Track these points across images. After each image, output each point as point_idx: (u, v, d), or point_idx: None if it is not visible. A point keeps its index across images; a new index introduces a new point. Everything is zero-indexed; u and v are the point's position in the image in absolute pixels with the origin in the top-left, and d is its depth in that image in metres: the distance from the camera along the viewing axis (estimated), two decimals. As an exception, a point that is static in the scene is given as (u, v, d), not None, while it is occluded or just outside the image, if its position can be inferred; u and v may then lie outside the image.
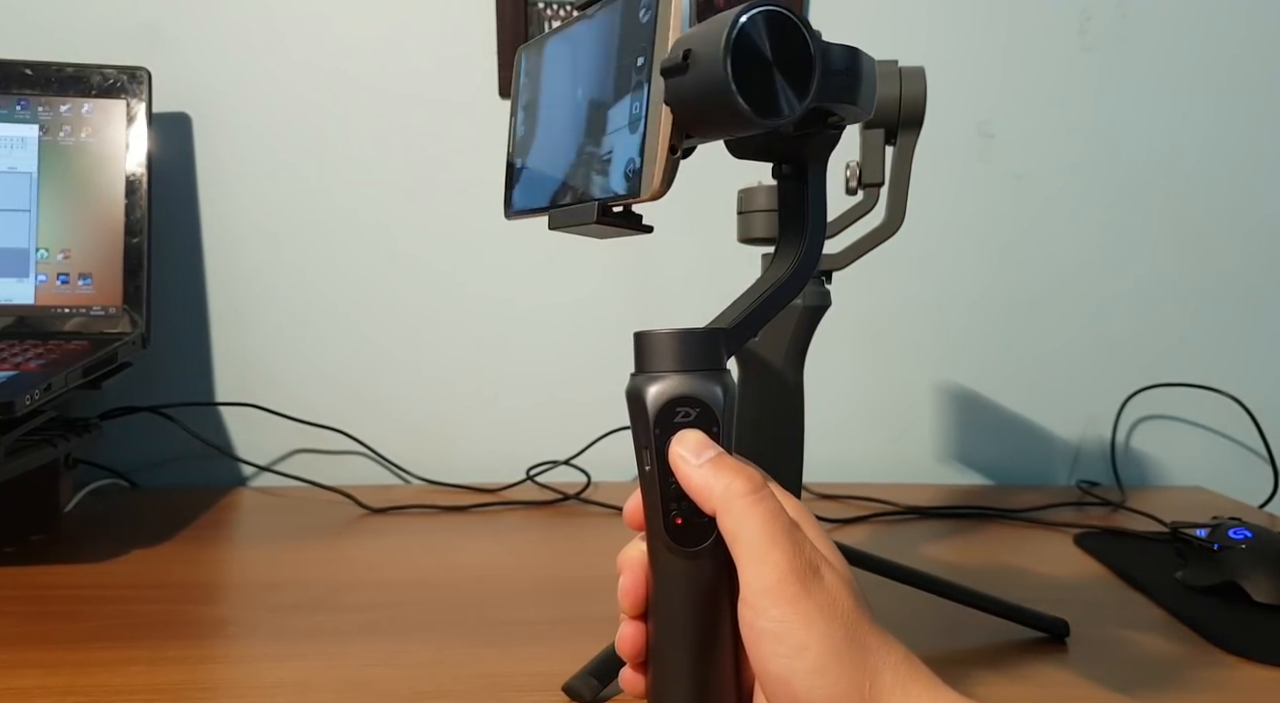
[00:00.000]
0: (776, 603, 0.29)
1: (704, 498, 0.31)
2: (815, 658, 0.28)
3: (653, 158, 0.30)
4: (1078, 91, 0.98)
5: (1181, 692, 0.51)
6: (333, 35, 0.92)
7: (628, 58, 0.32)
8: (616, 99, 0.33)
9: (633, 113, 0.32)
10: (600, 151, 0.33)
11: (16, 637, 0.54)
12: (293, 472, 0.93)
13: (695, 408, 0.32)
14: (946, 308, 1.00)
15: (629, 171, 0.31)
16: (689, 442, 0.32)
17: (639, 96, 0.31)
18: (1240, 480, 0.99)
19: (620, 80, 0.32)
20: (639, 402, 0.32)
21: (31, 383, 0.63)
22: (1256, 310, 1.02)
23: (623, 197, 0.32)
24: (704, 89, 0.29)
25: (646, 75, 0.31)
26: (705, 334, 0.32)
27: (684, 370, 0.32)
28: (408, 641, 0.55)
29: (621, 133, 0.32)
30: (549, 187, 0.37)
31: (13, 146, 0.78)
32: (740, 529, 0.30)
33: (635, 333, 0.33)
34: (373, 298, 0.94)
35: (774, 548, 0.29)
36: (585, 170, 0.34)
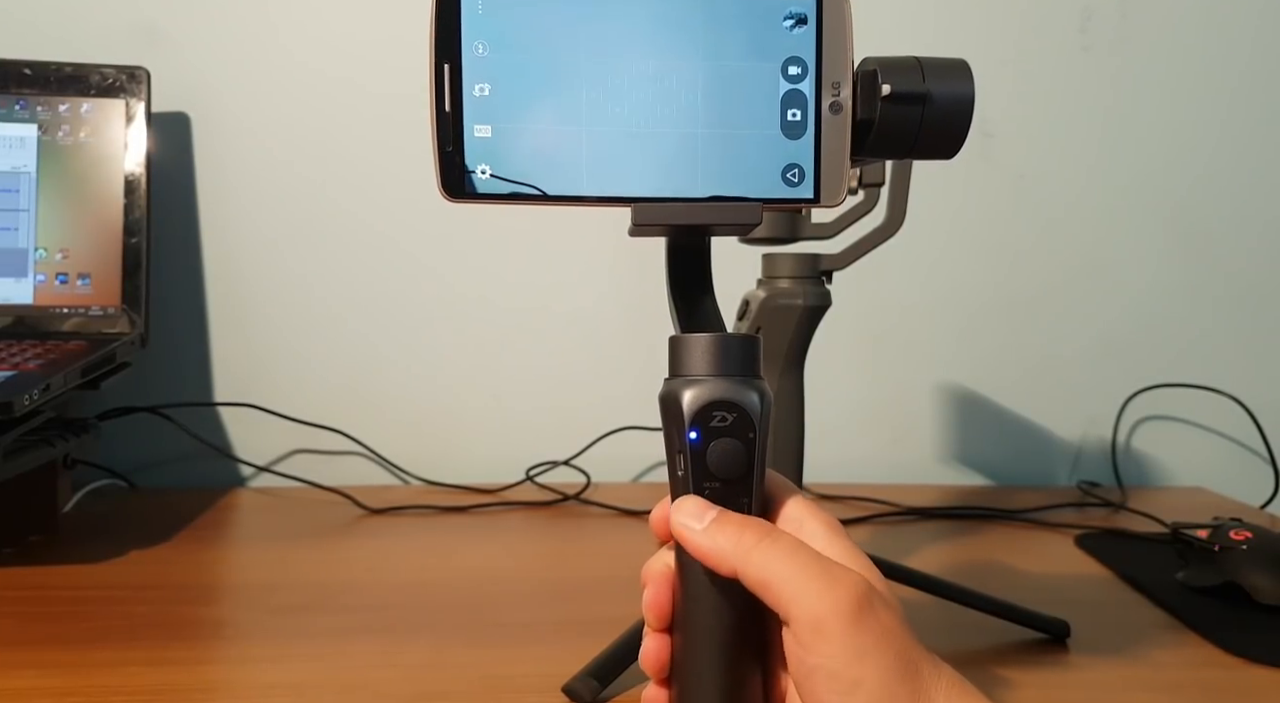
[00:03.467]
0: (827, 639, 0.28)
1: (719, 561, 0.30)
2: (870, 693, 0.27)
3: (839, 168, 0.33)
4: (1078, 91, 0.98)
5: (1182, 693, 0.51)
6: (332, 35, 0.91)
7: (760, 59, 0.33)
8: (734, 95, 0.32)
9: (788, 118, 0.33)
10: (715, 146, 0.33)
11: (15, 638, 0.54)
12: (292, 472, 0.92)
13: (732, 413, 0.31)
14: (947, 308, 0.99)
15: (790, 176, 0.33)
16: (688, 508, 0.31)
17: (800, 105, 0.33)
18: (1241, 481, 0.99)
19: (744, 78, 0.32)
20: (675, 405, 0.31)
21: (30, 383, 0.63)
22: (1258, 310, 1.02)
23: (795, 201, 0.33)
24: (939, 126, 0.33)
25: (813, 87, 0.33)
26: (743, 340, 0.32)
27: (721, 375, 0.31)
28: (407, 641, 0.54)
29: (763, 133, 0.33)
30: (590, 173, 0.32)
31: (11, 146, 0.78)
32: (768, 575, 0.29)
33: (671, 337, 0.32)
34: (372, 298, 0.94)
35: (812, 580, 0.29)
36: (682, 162, 0.32)
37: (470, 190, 0.32)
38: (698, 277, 0.35)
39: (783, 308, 0.53)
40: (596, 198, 0.32)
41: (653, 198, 0.32)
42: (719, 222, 0.33)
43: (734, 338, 0.32)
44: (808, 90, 0.33)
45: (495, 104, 0.32)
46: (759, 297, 0.54)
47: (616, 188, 0.32)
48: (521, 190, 0.32)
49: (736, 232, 0.34)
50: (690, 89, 0.32)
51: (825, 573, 0.29)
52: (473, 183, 0.32)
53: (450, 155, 0.31)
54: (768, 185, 0.33)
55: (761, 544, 0.29)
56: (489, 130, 0.32)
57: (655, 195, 0.32)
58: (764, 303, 0.53)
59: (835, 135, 0.33)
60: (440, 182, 0.32)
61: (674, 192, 0.32)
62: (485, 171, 0.32)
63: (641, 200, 0.32)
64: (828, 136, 0.33)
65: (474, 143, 0.32)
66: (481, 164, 0.32)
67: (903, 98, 0.33)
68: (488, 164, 0.32)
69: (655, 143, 0.32)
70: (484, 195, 0.32)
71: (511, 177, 0.32)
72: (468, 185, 0.32)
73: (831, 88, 0.33)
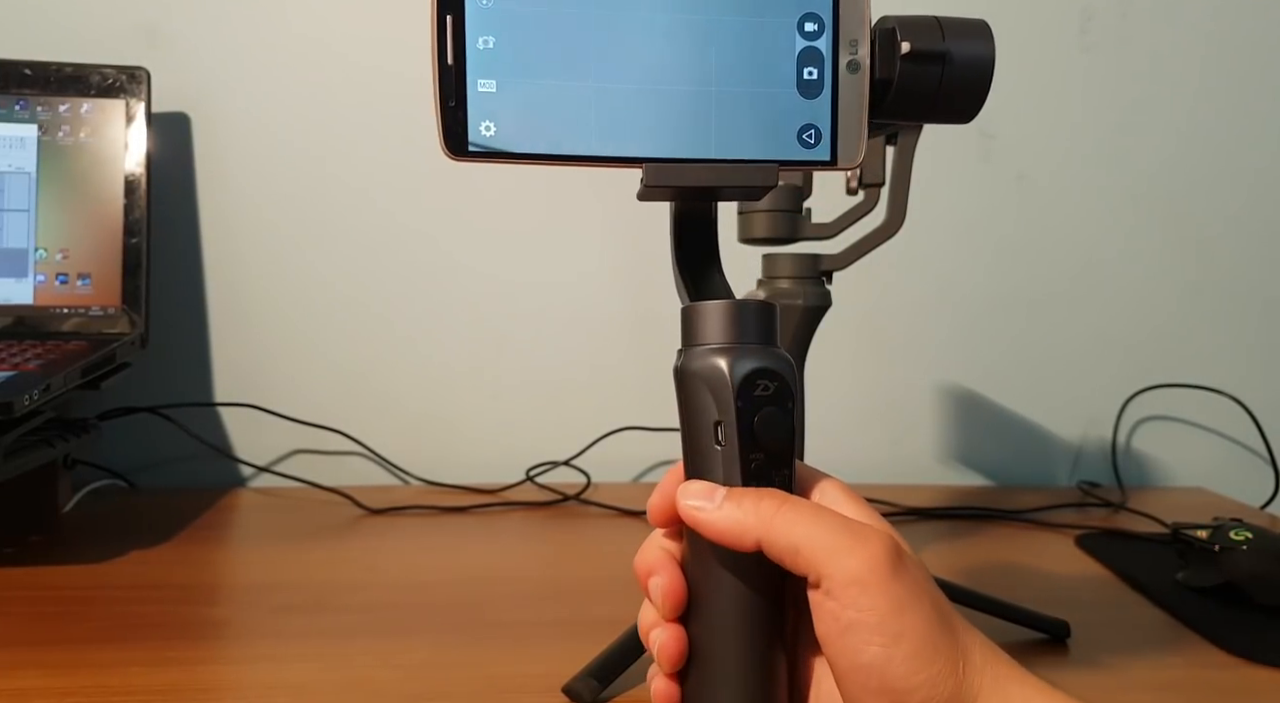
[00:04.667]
0: (866, 591, 0.28)
1: (739, 534, 0.29)
2: (912, 642, 0.28)
3: (856, 129, 0.32)
4: (1078, 91, 0.98)
5: (1182, 693, 0.51)
6: (333, 35, 0.91)
7: (775, 15, 0.31)
8: (749, 52, 0.31)
9: (804, 77, 0.32)
10: (728, 105, 0.31)
11: (15, 638, 0.54)
12: (292, 472, 0.92)
13: (774, 381, 0.30)
14: (947, 308, 0.99)
15: (806, 137, 0.32)
16: (695, 491, 0.30)
17: (817, 63, 0.32)
18: (1241, 481, 0.99)
19: (759, 35, 0.31)
20: (715, 374, 0.30)
21: (30, 383, 0.63)
22: (1258, 311, 1.02)
23: (810, 163, 0.32)
24: (958, 87, 0.33)
25: (830, 44, 0.32)
26: (768, 307, 0.31)
27: (752, 343, 0.30)
28: (407, 641, 0.54)
29: (778, 92, 0.31)
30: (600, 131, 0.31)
31: (11, 146, 0.78)
32: (795, 538, 0.29)
33: (689, 305, 0.31)
34: (372, 298, 0.94)
35: (841, 538, 0.28)
36: (695, 121, 0.31)
37: (474, 148, 0.30)
38: (706, 246, 0.33)
39: (783, 308, 0.53)
40: (606, 157, 0.31)
41: (665, 158, 0.31)
42: (734, 184, 0.32)
43: (759, 304, 0.31)
44: (824, 48, 0.32)
45: (500, 57, 0.30)
46: (759, 297, 0.54)
47: (627, 147, 0.31)
48: (528, 149, 0.31)
49: (751, 195, 0.33)
50: (703, 45, 0.31)
51: (853, 531, 0.29)
52: (477, 140, 0.30)
53: (453, 111, 0.30)
54: (783, 146, 0.32)
55: (782, 510, 0.29)
56: (493, 85, 0.30)
57: (667, 156, 0.31)
58: (764, 303, 0.53)
59: (853, 95, 0.32)
60: (442, 138, 0.30)
61: (686, 152, 0.31)
62: (489, 128, 0.30)
63: (654, 161, 0.31)
64: (845, 96, 0.32)
65: (478, 98, 0.30)
66: (485, 121, 0.30)
67: (922, 56, 0.32)
68: (491, 121, 0.30)
69: (667, 101, 0.31)
70: (488, 153, 0.30)
71: (516, 135, 0.30)
72: (471, 142, 0.30)
73: (849, 45, 0.32)
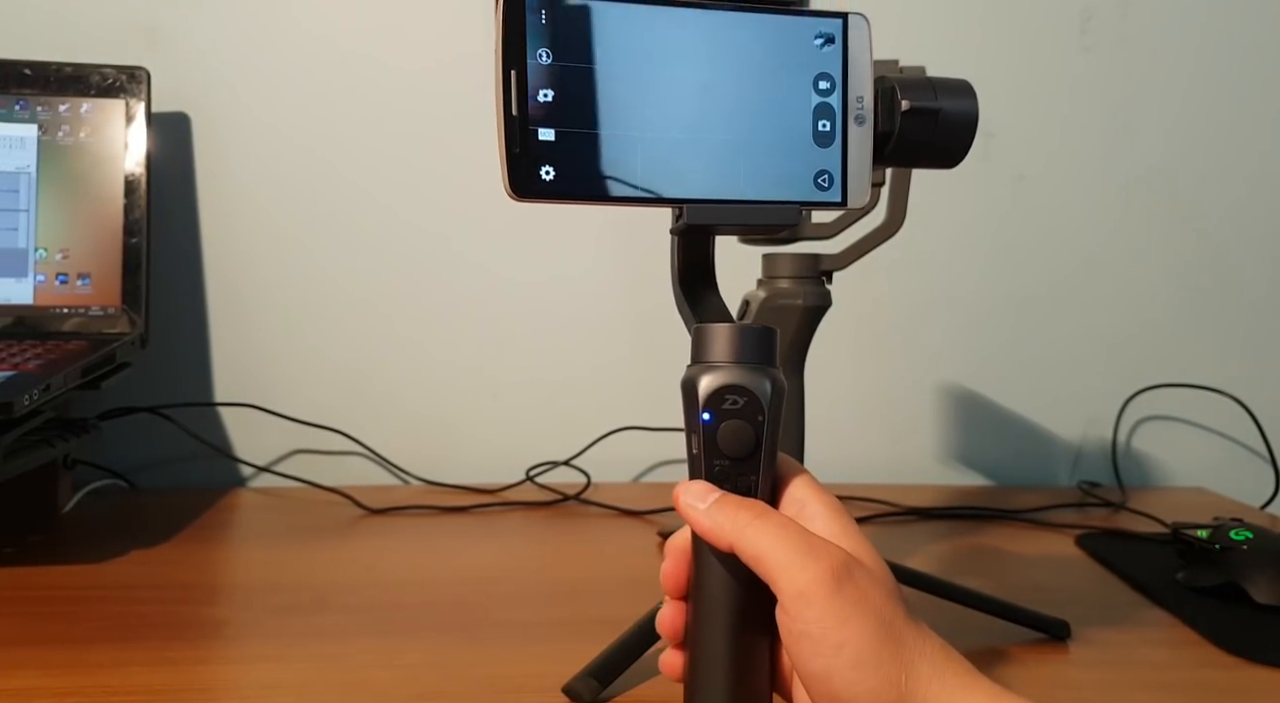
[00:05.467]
0: (810, 604, 0.30)
1: (717, 537, 0.32)
2: (852, 654, 0.30)
3: (863, 174, 0.37)
4: (1078, 91, 0.98)
5: (1182, 693, 0.51)
6: (333, 34, 0.91)
7: (794, 75, 0.36)
8: (773, 106, 0.36)
9: (818, 128, 0.36)
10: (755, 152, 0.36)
11: (15, 637, 0.54)
12: (292, 472, 0.92)
13: (743, 397, 0.33)
14: (947, 308, 0.99)
15: (821, 181, 0.36)
16: (694, 489, 0.34)
17: (829, 117, 0.36)
18: (1242, 481, 0.99)
19: (781, 91, 0.36)
20: (692, 388, 0.34)
21: (30, 383, 0.63)
22: (1258, 311, 1.02)
23: (825, 204, 0.37)
24: (949, 138, 0.38)
25: (840, 100, 0.36)
26: (761, 331, 0.34)
27: (738, 363, 0.34)
28: (407, 641, 0.54)
29: (797, 141, 0.36)
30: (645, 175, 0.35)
31: (11, 146, 0.78)
32: (759, 549, 0.31)
33: (696, 327, 0.35)
34: (372, 298, 0.94)
35: (796, 554, 0.31)
36: (727, 166, 0.35)
37: (536, 190, 0.34)
38: (704, 273, 0.38)
39: (783, 308, 0.53)
40: (652, 198, 0.35)
41: (703, 199, 0.35)
42: (763, 222, 0.36)
43: (752, 329, 0.34)
44: (835, 103, 0.36)
45: (558, 109, 0.34)
46: (759, 297, 0.54)
47: (669, 190, 0.35)
48: (583, 191, 0.34)
49: (776, 231, 0.37)
50: (733, 100, 0.35)
51: (808, 547, 0.31)
52: (539, 183, 0.34)
53: (518, 156, 0.33)
54: (802, 189, 0.36)
55: (754, 523, 0.32)
56: (553, 134, 0.34)
57: (704, 197, 0.35)
58: (764, 303, 0.53)
59: (860, 144, 0.37)
60: (508, 182, 0.33)
61: (721, 194, 0.35)
62: (549, 173, 0.34)
63: (693, 201, 0.35)
64: (853, 145, 0.36)
65: (539, 146, 0.34)
66: (546, 165, 0.34)
67: (919, 112, 0.37)
68: (551, 166, 0.34)
69: (703, 149, 0.35)
70: (549, 195, 0.34)
71: (572, 178, 0.34)
72: (535, 185, 0.34)
73: (856, 101, 0.37)
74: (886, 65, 0.52)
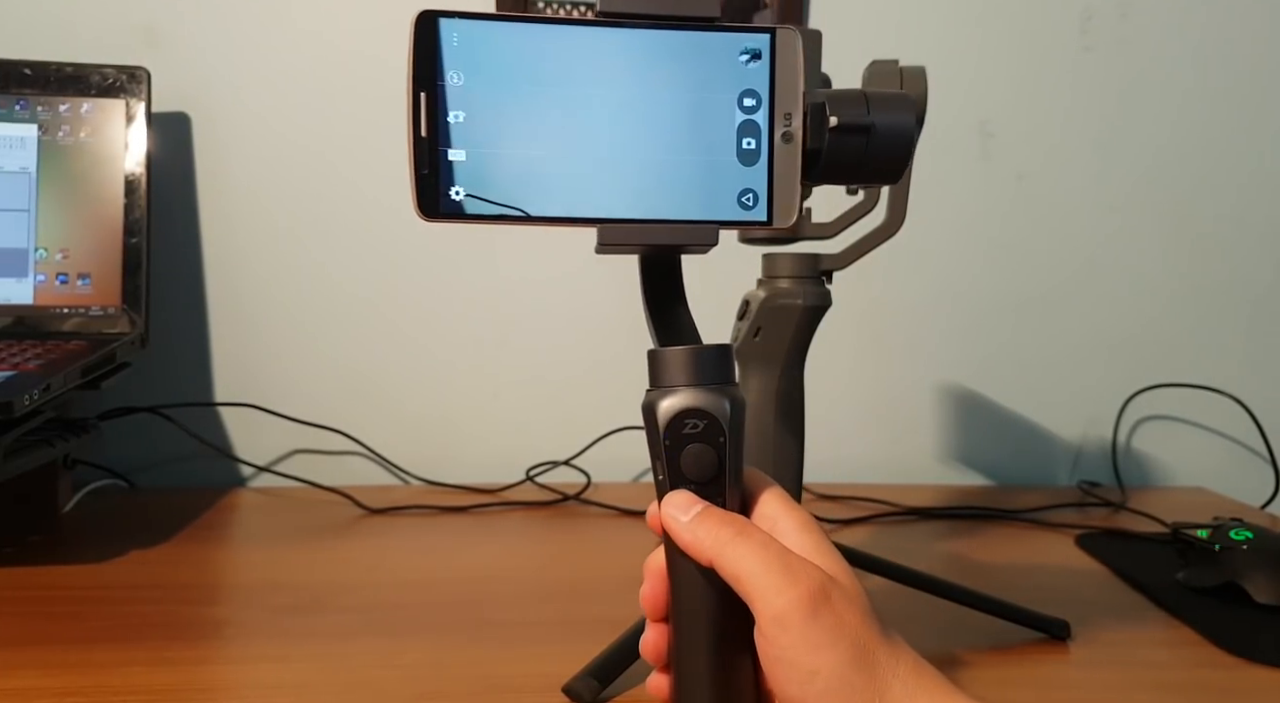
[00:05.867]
0: (785, 631, 0.30)
1: (698, 552, 0.32)
2: (824, 683, 0.30)
3: (790, 193, 0.35)
4: (1079, 91, 0.98)
5: (1182, 693, 0.51)
6: (333, 34, 0.91)
7: (717, 91, 0.35)
8: (695, 124, 0.35)
9: (743, 146, 0.35)
10: (675, 171, 0.35)
11: (15, 637, 0.54)
12: (292, 472, 0.92)
13: (703, 420, 0.33)
14: (947, 308, 0.99)
15: (745, 200, 0.35)
16: (677, 501, 0.33)
17: (755, 135, 0.35)
18: (1241, 481, 0.99)
19: (704, 108, 0.35)
20: (652, 415, 0.34)
21: (30, 383, 0.63)
22: (1258, 310, 1.02)
23: (749, 223, 0.36)
24: (882, 156, 0.36)
25: (767, 117, 0.35)
26: (714, 350, 0.34)
27: (694, 385, 0.33)
28: (407, 641, 0.54)
29: (720, 160, 0.35)
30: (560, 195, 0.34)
31: (12, 146, 0.78)
32: (737, 569, 0.31)
33: (649, 351, 0.35)
34: (372, 298, 0.94)
35: (773, 577, 0.31)
36: (645, 186, 0.35)
37: (445, 210, 0.34)
38: (670, 290, 0.37)
39: (783, 308, 0.53)
40: (567, 219, 0.34)
41: (617, 219, 0.35)
42: (678, 242, 0.35)
43: (706, 349, 0.34)
44: (761, 121, 0.35)
45: (470, 130, 0.34)
46: (759, 297, 0.54)
47: (584, 210, 0.34)
48: (494, 211, 0.34)
49: (695, 250, 0.36)
50: (654, 118, 0.35)
51: (787, 569, 0.31)
52: (448, 203, 0.34)
53: (426, 178, 0.33)
54: (725, 208, 0.35)
55: (735, 540, 0.32)
56: (463, 154, 0.34)
57: (621, 217, 0.35)
58: (764, 303, 0.53)
59: (787, 163, 0.35)
60: (416, 203, 0.33)
61: (639, 213, 0.35)
62: (460, 193, 0.34)
63: (607, 221, 0.34)
64: (780, 164, 0.35)
65: (449, 166, 0.33)
66: (456, 186, 0.34)
67: (848, 129, 0.36)
68: (462, 186, 0.34)
69: (620, 168, 0.35)
70: (458, 215, 0.34)
71: (485, 198, 0.34)
72: (443, 206, 0.34)
73: (784, 118, 0.35)
74: (885, 65, 0.52)
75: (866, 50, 0.54)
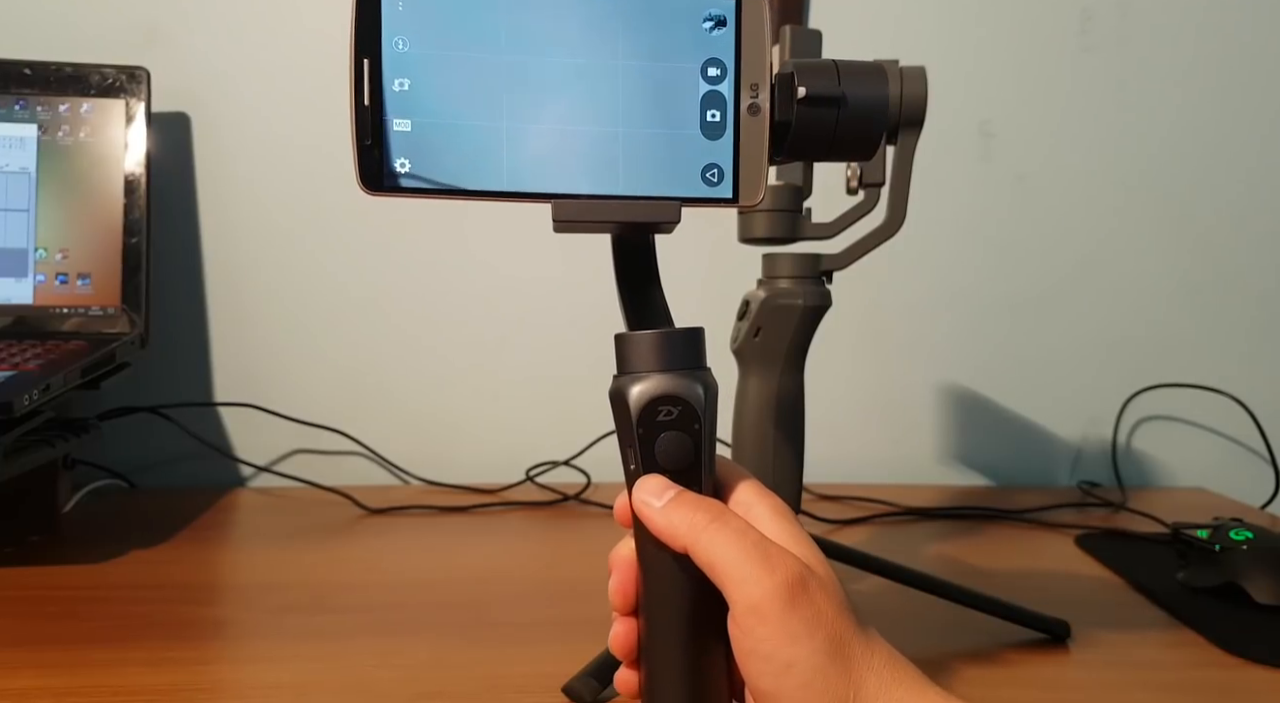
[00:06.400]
0: (762, 621, 0.29)
1: (671, 538, 0.31)
2: (800, 675, 0.29)
3: (757, 169, 0.33)
4: (1078, 91, 0.98)
5: (1182, 693, 0.51)
6: (333, 34, 0.91)
7: (679, 60, 0.33)
8: (656, 95, 0.33)
9: (707, 118, 0.33)
10: (635, 145, 0.33)
11: (15, 637, 0.54)
12: (292, 472, 0.92)
13: (677, 406, 0.32)
14: (947, 308, 0.99)
15: (710, 176, 0.33)
16: (650, 486, 0.32)
17: (719, 106, 0.33)
18: (1242, 481, 0.99)
19: (665, 78, 0.33)
20: (622, 402, 0.32)
21: (30, 383, 0.63)
22: (1258, 310, 1.02)
23: (714, 200, 0.34)
24: (855, 128, 0.34)
25: (732, 88, 0.33)
26: (685, 333, 0.33)
27: (666, 370, 0.32)
28: (407, 641, 0.54)
29: (683, 133, 0.33)
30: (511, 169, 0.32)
31: (11, 146, 0.78)
32: (713, 557, 0.30)
33: (616, 335, 0.33)
34: (372, 298, 0.94)
35: (750, 566, 0.30)
36: (603, 160, 0.33)
37: (389, 184, 0.32)
38: (643, 271, 0.35)
39: (783, 308, 0.53)
40: (516, 193, 0.32)
41: (573, 195, 0.32)
42: (637, 219, 0.33)
43: (676, 333, 0.33)
44: (727, 92, 0.33)
45: (415, 99, 0.32)
46: (759, 297, 0.54)
47: (537, 184, 0.32)
48: (440, 186, 0.32)
49: (656, 230, 0.35)
50: (612, 88, 0.33)
51: (765, 558, 0.30)
52: (392, 177, 0.32)
53: (369, 149, 0.32)
54: (687, 184, 0.33)
55: (711, 526, 0.31)
56: (408, 125, 0.32)
57: (575, 192, 0.33)
58: (764, 303, 0.53)
59: (753, 136, 0.33)
60: (359, 175, 0.32)
61: (595, 189, 0.33)
62: (405, 166, 0.32)
63: (561, 197, 0.32)
64: (746, 138, 0.33)
65: (393, 137, 0.32)
66: (401, 158, 0.32)
67: (818, 100, 0.34)
68: (407, 158, 0.32)
69: (576, 140, 0.33)
70: (403, 189, 0.32)
71: (431, 172, 0.32)
72: (386, 179, 0.32)
73: (750, 89, 0.33)
74: (885, 65, 0.52)
75: (866, 50, 0.54)
